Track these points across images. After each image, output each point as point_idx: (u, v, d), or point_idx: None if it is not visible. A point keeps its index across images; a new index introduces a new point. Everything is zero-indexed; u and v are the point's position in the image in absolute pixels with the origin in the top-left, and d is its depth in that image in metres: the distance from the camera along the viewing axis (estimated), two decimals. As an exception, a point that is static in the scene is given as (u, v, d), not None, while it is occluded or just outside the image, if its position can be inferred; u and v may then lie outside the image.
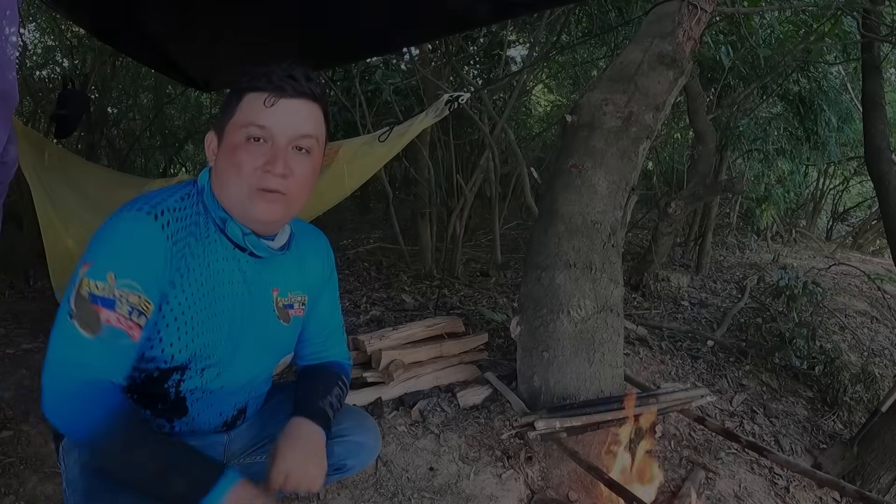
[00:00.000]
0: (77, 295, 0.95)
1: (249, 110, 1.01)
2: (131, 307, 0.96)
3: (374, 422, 1.40)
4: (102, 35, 2.64)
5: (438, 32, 2.85)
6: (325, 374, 1.29)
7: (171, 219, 1.01)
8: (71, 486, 1.06)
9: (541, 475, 1.96)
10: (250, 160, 1.01)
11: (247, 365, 1.16)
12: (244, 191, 1.02)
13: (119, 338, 0.96)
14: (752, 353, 3.12)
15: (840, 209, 8.63)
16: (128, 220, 0.98)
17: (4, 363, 2.43)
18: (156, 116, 5.86)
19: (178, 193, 1.06)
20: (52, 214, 2.61)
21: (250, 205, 1.03)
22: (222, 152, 1.04)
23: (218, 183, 1.05)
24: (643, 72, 2.31)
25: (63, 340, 0.95)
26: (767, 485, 2.13)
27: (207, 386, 1.12)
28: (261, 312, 1.14)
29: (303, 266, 1.21)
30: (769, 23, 4.06)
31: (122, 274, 0.96)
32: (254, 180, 1.01)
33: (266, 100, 1.00)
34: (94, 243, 0.98)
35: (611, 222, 2.18)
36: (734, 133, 4.60)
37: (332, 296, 1.31)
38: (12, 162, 1.15)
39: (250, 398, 1.24)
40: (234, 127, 1.02)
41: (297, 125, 1.02)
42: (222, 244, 1.08)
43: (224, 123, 1.04)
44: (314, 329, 1.29)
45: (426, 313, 3.31)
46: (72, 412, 0.95)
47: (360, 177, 2.92)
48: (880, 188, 2.87)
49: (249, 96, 1.02)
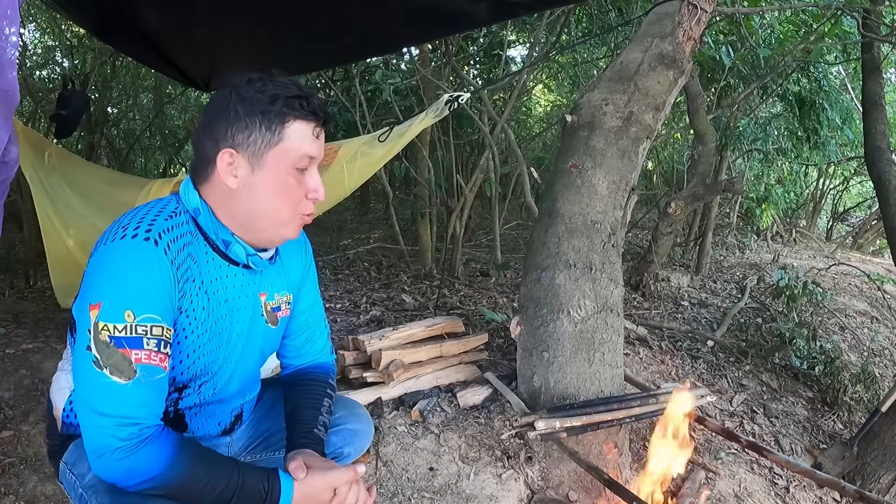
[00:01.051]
0: (97, 341, 0.90)
1: (299, 140, 1.00)
2: (157, 340, 0.94)
3: (365, 409, 1.43)
4: (102, 35, 2.64)
5: (438, 32, 2.85)
6: (313, 385, 1.26)
7: (169, 241, 0.97)
8: (90, 490, 1.01)
9: (541, 475, 1.96)
10: (300, 189, 1.03)
11: (242, 373, 1.17)
12: (286, 217, 1.03)
13: (154, 374, 0.94)
14: (752, 353, 3.12)
15: (840, 209, 8.64)
16: (128, 248, 0.93)
17: (4, 363, 2.43)
18: (156, 116, 5.86)
19: (164, 211, 1.00)
20: (52, 214, 2.61)
21: (288, 229, 1.05)
22: (264, 178, 1.00)
23: (243, 206, 1.01)
24: (643, 72, 2.31)
25: (97, 393, 0.91)
26: (767, 485, 2.13)
27: (205, 400, 1.13)
28: (253, 321, 1.14)
29: (285, 264, 1.20)
30: (769, 23, 4.06)
31: (140, 309, 0.92)
32: (300, 208, 1.04)
33: (315, 132, 1.02)
34: (96, 279, 0.93)
35: (611, 222, 2.18)
36: (734, 133, 4.60)
37: (312, 287, 1.29)
38: (13, 162, 1.15)
39: (245, 402, 1.25)
40: (282, 154, 1.00)
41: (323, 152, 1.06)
42: (216, 263, 1.06)
43: (263, 148, 0.99)
44: (296, 325, 1.27)
45: (426, 313, 3.31)
46: (126, 470, 0.92)
47: (360, 177, 2.92)
48: (880, 188, 2.87)
49: (298, 125, 1.00)
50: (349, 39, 2.29)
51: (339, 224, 6.41)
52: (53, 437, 1.14)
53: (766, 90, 4.60)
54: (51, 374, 2.33)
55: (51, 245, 2.68)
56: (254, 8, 2.03)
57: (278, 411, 1.26)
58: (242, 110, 0.98)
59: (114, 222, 0.99)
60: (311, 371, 1.30)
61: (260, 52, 2.38)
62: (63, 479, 1.10)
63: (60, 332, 2.76)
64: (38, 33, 5.39)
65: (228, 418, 1.21)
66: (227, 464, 0.99)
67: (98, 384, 0.91)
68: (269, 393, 1.34)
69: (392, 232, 4.80)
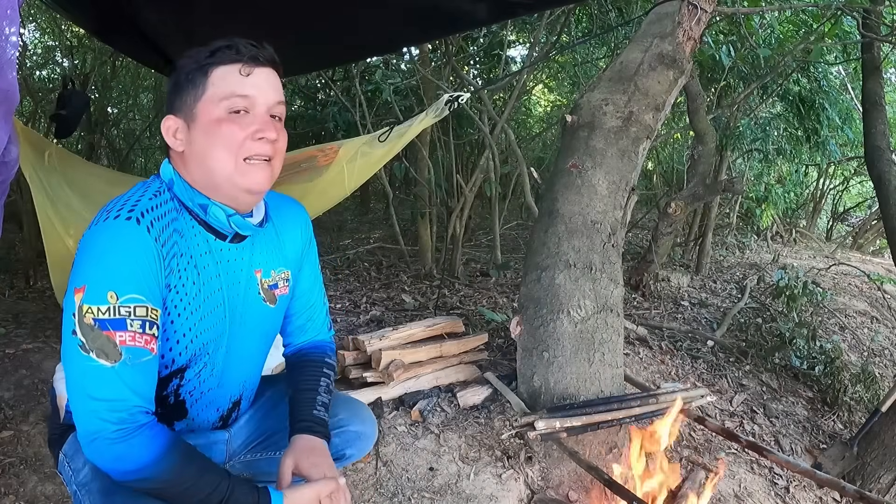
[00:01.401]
0: (81, 324, 0.90)
1: (225, 83, 0.99)
2: (142, 321, 0.93)
3: (370, 410, 1.41)
4: (102, 35, 2.64)
5: (439, 32, 2.85)
6: (310, 366, 1.26)
7: (153, 219, 0.96)
8: (84, 489, 1.02)
9: (541, 475, 1.96)
10: (238, 131, 0.99)
11: (240, 355, 1.16)
12: (232, 164, 1.00)
13: (140, 356, 0.93)
14: (752, 353, 3.12)
15: (840, 209, 8.63)
16: (110, 230, 0.93)
17: (4, 363, 2.43)
18: (156, 116, 5.86)
19: (147, 192, 1.00)
20: (52, 215, 2.60)
21: (241, 177, 1.01)
22: (199, 132, 1.00)
23: (195, 165, 1.01)
24: (643, 72, 2.31)
25: (85, 377, 0.91)
26: (767, 485, 2.13)
27: (205, 385, 1.12)
28: (249, 299, 1.13)
29: (281, 239, 1.18)
30: (769, 23, 4.06)
31: (123, 290, 0.91)
32: (243, 151, 1.00)
33: (242, 69, 0.99)
34: (80, 263, 0.93)
35: (611, 222, 2.18)
36: (734, 133, 4.60)
37: (312, 267, 1.28)
38: (13, 162, 1.15)
39: (244, 389, 1.24)
40: (210, 102, 0.99)
41: (273, 92, 1.03)
42: (203, 237, 1.05)
43: (192, 103, 1.00)
44: (297, 305, 1.26)
45: (426, 313, 3.31)
46: (117, 456, 0.91)
47: (360, 177, 2.91)
48: (880, 188, 2.87)
49: (220, 70, 0.99)
50: (349, 39, 2.28)
51: (339, 224, 6.41)
52: (55, 427, 1.15)
53: (766, 90, 4.60)
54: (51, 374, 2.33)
55: (51, 245, 2.68)
56: (254, 8, 2.03)
57: (281, 411, 1.25)
58: (174, 77, 1.02)
59: (101, 209, 0.99)
60: (308, 351, 1.29)
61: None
62: (61, 469, 1.11)
63: (60, 332, 2.76)
64: (38, 33, 5.39)
65: (227, 404, 1.20)
66: (218, 471, 0.99)
67: (86, 368, 0.90)
68: (271, 392, 1.33)
69: (392, 232, 4.80)
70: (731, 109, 4.54)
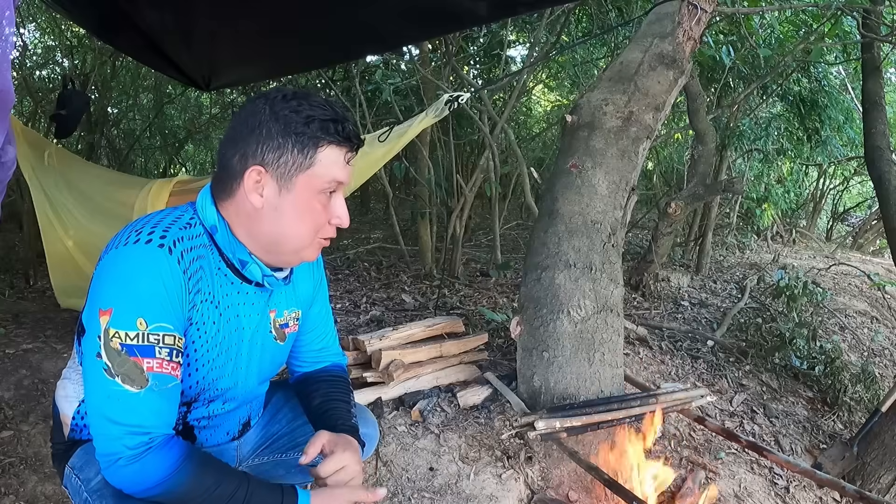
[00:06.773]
0: (107, 348, 0.89)
1: (331, 165, 0.98)
2: (169, 349, 0.93)
3: (371, 413, 1.44)
4: (102, 35, 2.64)
5: (439, 30, 2.84)
6: (340, 381, 1.29)
7: (183, 250, 0.95)
8: (95, 494, 1.00)
9: (541, 475, 1.96)
10: (324, 214, 1.01)
11: (248, 387, 1.17)
12: (309, 241, 1.02)
13: (166, 383, 0.93)
14: (752, 353, 3.12)
15: (840, 209, 8.64)
16: (141, 254, 0.91)
17: (4, 363, 2.43)
18: (156, 116, 5.86)
19: (179, 220, 0.98)
20: (52, 215, 2.60)
21: (308, 251, 1.04)
22: (289, 200, 0.97)
23: (265, 225, 0.99)
24: (643, 72, 2.31)
25: (109, 401, 0.90)
26: (767, 485, 2.13)
27: (213, 413, 1.14)
28: (261, 337, 1.14)
29: (295, 281, 1.18)
30: (769, 23, 4.06)
31: (152, 317, 0.91)
32: (322, 232, 1.03)
33: (347, 156, 1.00)
34: (107, 284, 0.91)
35: (611, 222, 2.18)
36: (734, 133, 4.60)
37: (323, 301, 1.29)
38: (11, 162, 1.15)
39: (252, 411, 1.26)
40: (314, 178, 0.97)
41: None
42: (228, 279, 1.04)
43: (294, 171, 0.96)
44: (312, 336, 1.28)
45: (426, 313, 3.31)
46: (135, 474, 0.91)
47: (360, 177, 2.91)
48: (880, 188, 2.87)
49: (330, 151, 0.98)
50: (349, 39, 2.28)
51: (338, 224, 6.40)
52: (59, 442, 1.13)
53: (766, 90, 4.60)
54: (51, 374, 2.33)
55: (50, 245, 2.68)
56: (254, 7, 2.03)
57: (285, 413, 1.28)
58: (276, 129, 0.95)
59: (126, 226, 0.97)
60: (333, 370, 1.32)
61: (260, 51, 2.38)
62: (67, 483, 1.09)
63: (60, 333, 2.76)
64: (38, 33, 5.39)
65: (237, 427, 1.22)
66: (236, 475, 0.98)
67: (110, 392, 0.90)
68: (276, 396, 1.35)
69: (392, 232, 4.80)
70: (732, 109, 4.54)
